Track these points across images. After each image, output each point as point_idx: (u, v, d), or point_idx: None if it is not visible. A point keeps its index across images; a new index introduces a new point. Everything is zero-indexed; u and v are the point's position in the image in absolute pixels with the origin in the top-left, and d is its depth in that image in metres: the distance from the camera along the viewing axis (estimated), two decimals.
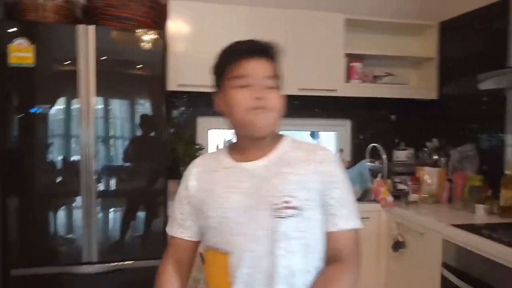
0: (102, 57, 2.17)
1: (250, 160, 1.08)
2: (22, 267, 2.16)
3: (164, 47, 2.32)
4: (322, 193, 1.05)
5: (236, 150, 1.13)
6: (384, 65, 3.30)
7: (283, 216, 0.98)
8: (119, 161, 2.34)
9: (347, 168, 3.23)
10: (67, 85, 2.15)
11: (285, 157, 1.08)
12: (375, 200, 2.84)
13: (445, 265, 2.08)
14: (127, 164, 2.36)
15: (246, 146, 1.10)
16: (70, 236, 2.28)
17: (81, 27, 2.09)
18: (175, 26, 2.59)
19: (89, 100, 2.17)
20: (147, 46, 2.21)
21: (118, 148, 2.35)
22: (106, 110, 2.25)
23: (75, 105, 2.16)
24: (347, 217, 1.06)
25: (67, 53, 2.13)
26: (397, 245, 2.60)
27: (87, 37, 2.10)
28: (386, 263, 2.76)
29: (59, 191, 2.29)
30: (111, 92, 2.26)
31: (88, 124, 2.19)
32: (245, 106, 1.01)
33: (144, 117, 2.36)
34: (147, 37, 2.21)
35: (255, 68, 1.03)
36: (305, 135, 3.61)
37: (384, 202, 2.78)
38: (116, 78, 2.29)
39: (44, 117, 2.18)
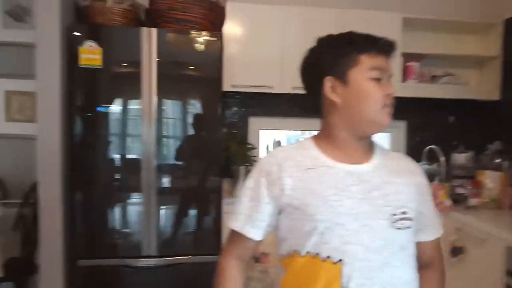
0: (163, 58, 2.25)
1: (353, 162, 1.01)
2: (88, 258, 2.28)
3: (221, 48, 2.37)
4: (419, 204, 1.03)
5: (330, 147, 1.04)
6: (443, 65, 3.18)
7: (401, 228, 0.96)
8: (177, 159, 2.42)
9: None
10: (130, 85, 2.25)
11: (389, 165, 1.04)
12: None
13: (509, 273, 1.98)
14: (184, 162, 2.43)
15: (347, 145, 1.02)
16: (130, 230, 2.38)
17: (145, 30, 2.18)
18: (231, 27, 2.64)
19: (151, 100, 2.25)
20: (205, 48, 2.26)
21: (176, 147, 2.43)
22: (166, 110, 2.33)
23: (138, 105, 2.26)
24: (438, 226, 1.12)
25: (132, 55, 2.22)
26: (456, 251, 2.51)
27: (150, 39, 2.19)
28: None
29: (121, 187, 2.39)
30: (170, 93, 2.34)
31: (149, 123, 2.27)
32: (382, 101, 0.96)
33: (200, 116, 2.43)
34: (206, 39, 2.26)
35: (388, 64, 0.99)
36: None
37: (442, 206, 2.68)
38: (176, 79, 2.36)
39: (109, 115, 2.29)
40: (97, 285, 2.35)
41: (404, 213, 0.96)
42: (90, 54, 2.11)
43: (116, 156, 2.37)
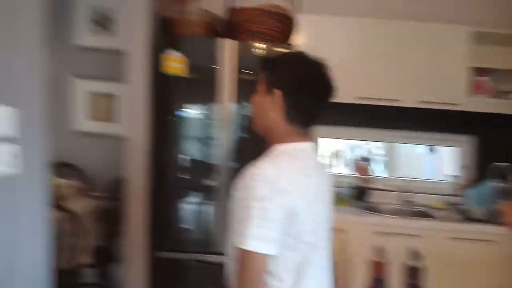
0: (240, 67, 2.39)
1: None
2: (164, 251, 2.46)
3: None
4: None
5: None
6: None
7: None
8: (248, 161, 2.52)
9: (470, 186, 3.10)
10: (208, 91, 2.39)
11: None
12: (502, 223, 2.69)
13: None
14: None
15: None
16: (204, 228, 2.53)
17: (223, 41, 2.33)
18: (301, 38, 2.72)
19: (227, 106, 2.38)
20: None
21: (248, 150, 2.54)
22: (241, 115, 2.45)
23: (215, 110, 2.40)
24: (237, 233, 1.09)
25: (210, 63, 2.36)
26: None
27: (227, 49, 2.34)
28: None
29: (197, 187, 2.54)
30: (245, 99, 2.46)
31: (226, 128, 2.40)
32: None
33: None
34: (278, 50, 2.36)
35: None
36: (422, 150, 3.52)
37: None
38: (250, 87, 2.47)
39: (188, 119, 2.47)
40: (172, 276, 2.51)
41: None
42: (174, 63, 2.28)
43: (194, 157, 2.53)
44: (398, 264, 2.70)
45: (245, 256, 1.03)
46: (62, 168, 3.15)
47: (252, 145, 2.22)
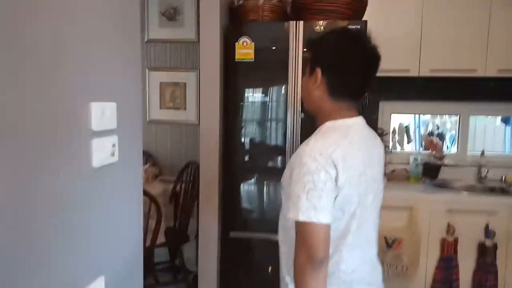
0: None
1: None
2: (238, 231, 2.57)
3: None
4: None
5: None
6: None
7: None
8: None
9: None
10: (279, 74, 2.41)
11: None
12: None
13: None
14: None
15: None
16: (271, 208, 2.61)
17: (291, 24, 2.32)
18: (371, 14, 2.64)
19: (297, 86, 2.40)
20: None
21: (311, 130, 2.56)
22: None
23: (284, 91, 2.43)
24: (290, 206, 1.13)
25: (280, 47, 2.38)
26: None
27: (297, 31, 2.32)
28: None
29: (268, 169, 2.61)
30: None
31: (296, 108, 2.42)
32: None
33: None
34: (351, 27, 2.33)
35: None
36: (494, 121, 3.34)
37: None
38: None
39: (260, 103, 2.51)
40: (245, 255, 2.64)
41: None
42: (244, 49, 2.33)
43: (264, 141, 2.59)
44: (470, 242, 2.63)
45: (307, 228, 1.07)
46: None
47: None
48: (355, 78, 1.17)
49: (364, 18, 2.44)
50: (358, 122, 1.22)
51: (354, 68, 1.16)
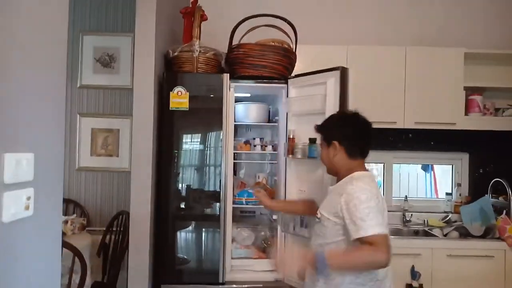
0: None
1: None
2: (171, 284, 2.45)
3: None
4: (343, 215, 1.63)
5: None
6: (506, 97, 3.20)
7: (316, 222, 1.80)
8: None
9: (466, 203, 3.16)
10: (214, 122, 2.47)
11: (337, 188, 1.75)
12: (500, 238, 2.74)
13: None
14: None
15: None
16: (208, 258, 2.55)
17: (225, 76, 2.42)
18: (299, 67, 2.79)
19: (229, 134, 2.46)
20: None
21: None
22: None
23: (219, 138, 2.47)
24: (362, 227, 1.54)
25: (215, 97, 2.44)
26: None
27: (229, 84, 2.42)
28: None
29: (204, 216, 2.59)
30: None
31: (227, 156, 2.45)
32: None
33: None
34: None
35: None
36: (417, 168, 3.60)
37: (511, 241, 2.66)
38: None
39: (195, 151, 2.52)
40: None
41: (316, 214, 1.77)
42: (179, 99, 2.36)
43: (199, 186, 2.57)
44: (398, 284, 2.72)
45: (377, 239, 1.49)
46: (64, 204, 3.20)
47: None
48: (364, 142, 1.77)
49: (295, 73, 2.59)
50: (370, 173, 1.80)
51: (362, 137, 1.77)
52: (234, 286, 2.48)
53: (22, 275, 1.03)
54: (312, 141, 2.22)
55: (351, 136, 1.74)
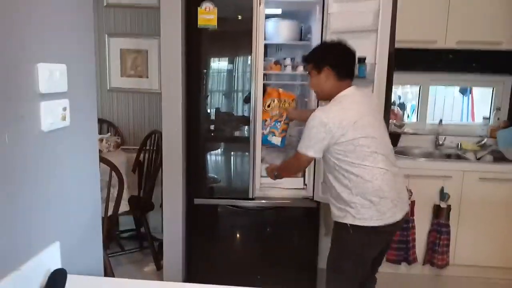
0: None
1: None
2: (203, 198, 2.59)
3: None
4: None
5: None
6: None
7: None
8: None
9: (504, 127, 3.05)
10: (243, 42, 2.39)
11: None
12: None
13: None
14: None
15: None
16: (238, 176, 2.65)
17: None
18: None
19: (259, 57, 2.38)
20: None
21: None
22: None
23: (249, 61, 2.40)
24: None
25: (244, 15, 2.34)
26: None
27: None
28: None
29: (232, 139, 2.65)
30: None
31: (257, 77, 2.41)
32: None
33: None
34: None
35: (309, 68, 1.97)
36: (454, 91, 3.45)
37: None
38: None
39: (223, 72, 2.49)
40: (210, 222, 2.67)
41: None
42: (207, 15, 2.27)
43: (228, 110, 2.59)
44: (426, 205, 2.76)
45: (298, 154, 1.87)
46: (98, 124, 3.29)
47: None
48: (351, 63, 1.92)
49: None
50: (353, 89, 1.89)
51: (349, 59, 1.91)
52: (264, 201, 2.58)
53: (64, 184, 1.08)
54: (362, 60, 2.20)
55: (340, 60, 1.88)
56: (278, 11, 2.67)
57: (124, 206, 2.72)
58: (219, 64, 2.50)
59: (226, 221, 2.71)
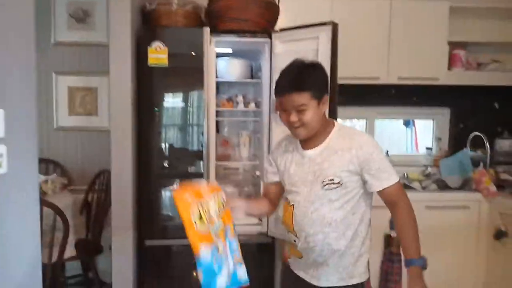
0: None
1: (309, 148, 1.52)
2: (155, 239, 2.51)
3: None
4: (358, 167, 1.44)
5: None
6: (490, 52, 3.21)
7: (329, 188, 1.44)
8: None
9: (445, 157, 3.23)
10: (193, 80, 2.41)
11: (331, 147, 1.48)
12: (476, 190, 2.82)
13: None
14: None
15: (305, 140, 1.52)
16: None
17: (205, 30, 2.32)
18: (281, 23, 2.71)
19: (210, 93, 2.41)
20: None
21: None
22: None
23: (201, 96, 2.42)
24: (386, 178, 1.46)
25: (195, 52, 2.37)
26: (500, 234, 2.60)
27: (210, 37, 2.34)
28: (486, 253, 2.76)
29: (187, 174, 2.59)
30: None
31: (209, 114, 2.42)
32: (288, 125, 1.47)
33: None
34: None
35: (288, 101, 1.41)
36: (398, 124, 3.63)
37: (487, 192, 2.75)
38: None
39: (174, 108, 2.49)
40: (163, 264, 2.57)
41: (331, 180, 1.43)
42: (158, 54, 2.29)
43: (183, 145, 2.57)
44: (377, 235, 2.82)
45: (399, 185, 1.51)
46: (44, 164, 3.16)
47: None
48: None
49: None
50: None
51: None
52: None
53: (1, 232, 1.02)
54: None
55: (328, 84, 1.53)
56: (229, 50, 2.74)
57: (70, 251, 2.58)
58: (172, 100, 2.50)
59: (181, 261, 2.62)
